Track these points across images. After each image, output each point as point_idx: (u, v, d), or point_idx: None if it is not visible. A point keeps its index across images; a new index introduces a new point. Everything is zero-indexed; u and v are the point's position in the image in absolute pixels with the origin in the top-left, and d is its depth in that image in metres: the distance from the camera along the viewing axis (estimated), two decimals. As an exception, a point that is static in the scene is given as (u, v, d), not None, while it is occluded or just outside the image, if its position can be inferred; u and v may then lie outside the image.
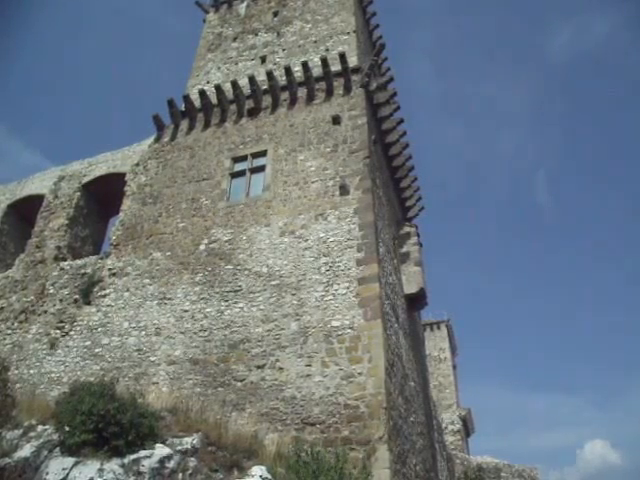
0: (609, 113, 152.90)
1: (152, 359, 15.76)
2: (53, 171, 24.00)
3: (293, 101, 20.02)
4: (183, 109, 21.58)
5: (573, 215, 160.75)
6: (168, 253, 17.84)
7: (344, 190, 16.79)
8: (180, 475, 10.10)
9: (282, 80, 20.44)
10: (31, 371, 17.07)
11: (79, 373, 16.23)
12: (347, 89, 19.45)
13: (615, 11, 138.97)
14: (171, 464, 10.13)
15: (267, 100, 20.45)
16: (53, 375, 16.69)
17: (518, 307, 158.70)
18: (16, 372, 16.96)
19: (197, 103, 21.33)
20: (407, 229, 21.38)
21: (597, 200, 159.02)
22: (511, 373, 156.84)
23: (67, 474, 9.43)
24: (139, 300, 17.19)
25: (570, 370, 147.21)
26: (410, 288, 19.63)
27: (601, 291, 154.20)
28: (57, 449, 10.11)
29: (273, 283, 15.82)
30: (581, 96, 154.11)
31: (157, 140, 21.57)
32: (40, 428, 10.88)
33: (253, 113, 20.40)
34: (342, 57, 19.55)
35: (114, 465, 9.63)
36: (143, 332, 16.42)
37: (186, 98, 21.45)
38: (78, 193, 22.33)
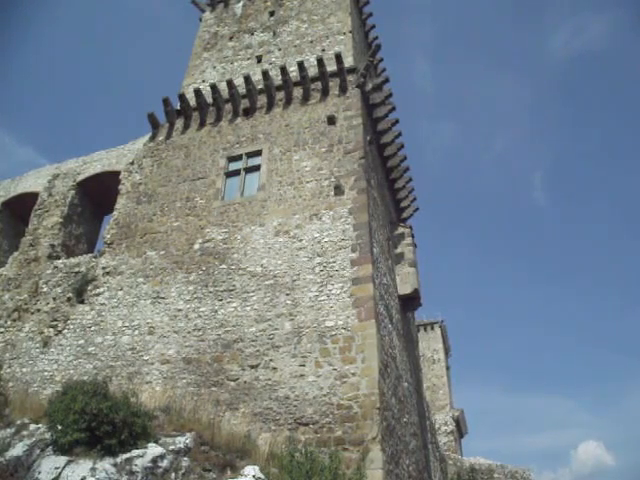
0: (608, 113, 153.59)
1: (145, 358, 15.74)
2: (47, 169, 23.94)
3: (288, 101, 20.02)
4: (178, 108, 21.54)
5: (570, 215, 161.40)
6: (162, 252, 17.81)
7: (339, 190, 16.79)
8: (173, 475, 10.09)
9: (278, 80, 20.42)
10: (24, 369, 17.02)
11: (72, 372, 16.19)
12: (343, 89, 19.46)
13: (614, 11, 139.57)
14: (164, 463, 10.12)
15: (262, 100, 20.44)
16: (46, 374, 16.64)
17: (513, 308, 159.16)
18: (9, 370, 16.91)
19: (192, 102, 21.30)
20: (402, 230, 21.42)
21: (595, 200, 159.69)
22: (504, 375, 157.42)
23: (59, 473, 9.41)
24: (133, 299, 17.15)
25: (564, 372, 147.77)
26: (404, 289, 19.66)
27: (598, 294, 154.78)
28: (49, 448, 10.10)
29: (267, 283, 15.81)
30: (579, 96, 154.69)
31: (152, 139, 21.53)
32: (32, 427, 10.86)
33: (248, 112, 20.38)
34: (338, 57, 19.55)
35: (107, 464, 9.62)
36: (137, 331, 16.39)
37: (181, 97, 21.40)
38: (72, 191, 22.28)
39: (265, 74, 20.26)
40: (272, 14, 24.15)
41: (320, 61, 19.60)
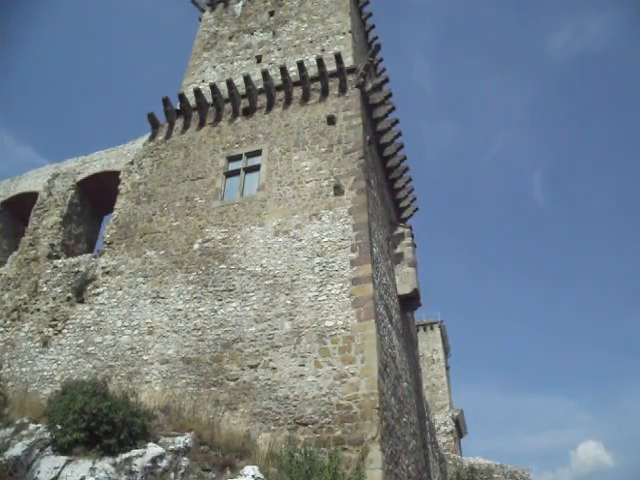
0: (608, 113, 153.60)
1: (145, 358, 15.73)
2: (47, 168, 23.95)
3: (288, 101, 20.01)
4: (178, 108, 21.53)
5: (569, 215, 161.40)
6: (162, 252, 17.80)
7: (338, 190, 16.79)
8: (172, 474, 10.10)
9: (277, 80, 20.42)
10: (23, 369, 17.01)
11: (72, 371, 16.19)
12: (342, 89, 19.45)
13: (614, 11, 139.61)
14: (163, 463, 10.13)
15: (262, 99, 20.43)
16: (45, 373, 16.63)
17: (513, 308, 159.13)
18: (8, 370, 16.93)
19: (192, 102, 21.29)
20: (401, 230, 21.40)
21: (594, 200, 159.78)
22: (504, 375, 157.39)
23: (59, 473, 9.42)
24: (132, 299, 17.15)
25: (564, 372, 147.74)
26: (404, 289, 19.64)
27: (598, 294, 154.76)
28: (49, 448, 10.10)
29: (267, 283, 15.81)
30: (579, 96, 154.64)
31: (152, 138, 21.52)
32: (32, 426, 10.86)
33: (248, 112, 20.37)
34: (338, 57, 19.54)
35: (106, 464, 9.62)
36: (136, 331, 16.38)
37: (181, 97, 21.39)
38: (72, 191, 22.28)
39: (265, 74, 20.25)
40: (272, 14, 24.14)
41: (320, 61, 19.59)
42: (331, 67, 19.77)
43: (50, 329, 17.61)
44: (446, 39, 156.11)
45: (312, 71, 20.04)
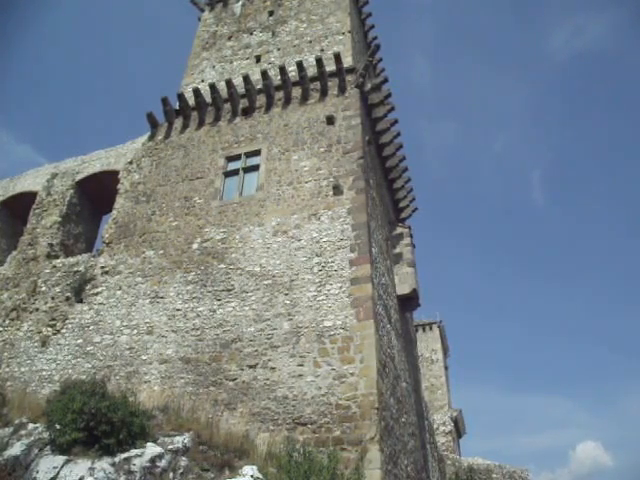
0: (607, 113, 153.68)
1: (144, 358, 15.73)
2: (46, 168, 23.95)
3: (287, 101, 20.01)
4: (177, 107, 21.53)
5: (569, 215, 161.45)
6: (161, 251, 17.80)
7: (337, 190, 16.79)
8: (171, 474, 10.10)
9: (277, 80, 20.43)
10: (22, 369, 17.00)
11: (70, 371, 16.18)
12: (342, 89, 19.46)
13: (614, 11, 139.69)
14: (162, 463, 10.12)
15: (261, 99, 20.43)
16: (44, 373, 16.63)
17: (512, 308, 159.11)
18: (7, 370, 16.93)
19: (191, 102, 21.30)
20: (400, 230, 21.39)
21: (593, 200, 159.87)
22: (503, 375, 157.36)
23: (57, 472, 9.41)
24: (131, 298, 17.14)
25: (564, 372, 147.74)
26: (403, 289, 19.63)
27: (598, 293, 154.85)
28: (48, 447, 10.09)
29: (265, 283, 15.81)
30: (579, 96, 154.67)
31: (151, 138, 21.52)
32: (31, 426, 10.85)
33: (247, 112, 20.38)
34: (337, 57, 19.53)
35: (105, 464, 9.61)
36: (135, 330, 16.37)
37: (180, 96, 21.40)
38: (71, 190, 22.28)
39: (264, 74, 20.26)
40: (271, 14, 24.15)
41: (319, 61, 19.60)
42: (330, 67, 19.77)
43: (49, 329, 17.60)
44: (446, 39, 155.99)
45: (311, 71, 20.04)
